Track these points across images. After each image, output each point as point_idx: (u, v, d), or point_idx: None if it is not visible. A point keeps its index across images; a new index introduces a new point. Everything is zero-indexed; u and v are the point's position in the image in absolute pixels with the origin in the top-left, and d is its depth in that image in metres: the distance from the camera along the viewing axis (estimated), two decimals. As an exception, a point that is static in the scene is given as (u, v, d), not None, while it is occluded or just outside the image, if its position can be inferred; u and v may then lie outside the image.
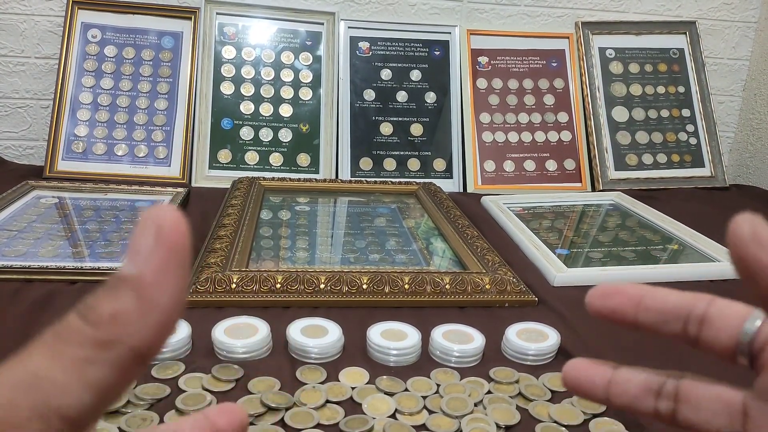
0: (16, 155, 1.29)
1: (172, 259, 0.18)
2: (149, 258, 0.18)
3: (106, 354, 0.17)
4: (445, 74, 1.33)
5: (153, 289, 0.18)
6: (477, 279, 0.78)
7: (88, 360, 0.17)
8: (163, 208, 0.18)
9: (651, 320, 0.24)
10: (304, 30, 1.29)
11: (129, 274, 0.18)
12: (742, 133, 1.50)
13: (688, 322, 0.24)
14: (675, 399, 0.24)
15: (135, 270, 0.18)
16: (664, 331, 0.24)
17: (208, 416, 0.22)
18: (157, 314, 0.18)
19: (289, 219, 1.01)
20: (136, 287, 0.18)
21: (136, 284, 0.18)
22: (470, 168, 1.28)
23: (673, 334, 0.24)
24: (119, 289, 0.18)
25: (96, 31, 1.22)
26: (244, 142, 1.23)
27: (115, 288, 0.18)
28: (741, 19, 1.45)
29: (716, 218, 1.14)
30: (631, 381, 0.25)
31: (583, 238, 1.02)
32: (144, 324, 0.18)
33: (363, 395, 0.58)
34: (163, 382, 0.58)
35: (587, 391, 0.26)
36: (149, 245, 0.18)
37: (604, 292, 0.25)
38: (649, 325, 0.24)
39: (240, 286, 0.74)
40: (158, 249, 0.18)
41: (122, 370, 0.18)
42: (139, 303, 0.18)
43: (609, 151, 1.34)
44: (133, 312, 0.18)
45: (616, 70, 1.39)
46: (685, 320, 0.24)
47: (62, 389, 0.17)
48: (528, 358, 0.65)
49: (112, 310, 0.18)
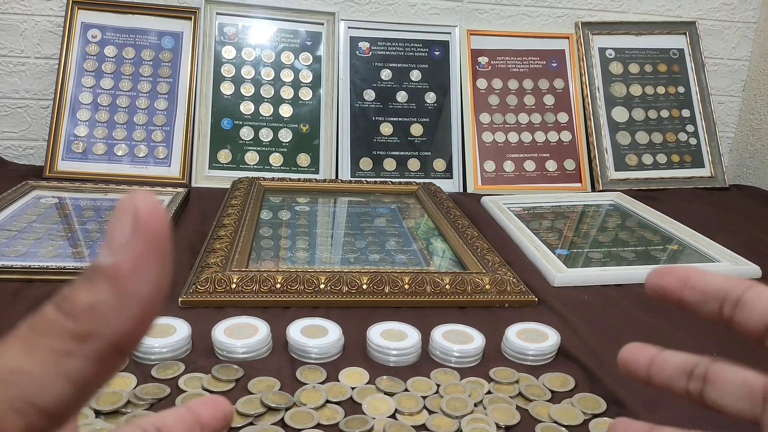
0: (16, 155, 1.29)
1: (150, 248, 0.17)
2: (126, 247, 0.17)
3: (83, 346, 0.17)
4: (445, 74, 1.33)
5: (131, 280, 0.17)
6: (477, 279, 0.78)
7: (66, 352, 0.17)
8: (140, 195, 0.18)
9: (694, 299, 0.26)
10: (304, 30, 1.29)
11: (105, 264, 0.17)
12: (742, 133, 1.50)
13: (724, 303, 0.25)
14: (704, 380, 0.25)
15: (111, 260, 0.17)
16: (703, 310, 0.26)
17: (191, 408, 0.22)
18: (135, 306, 0.17)
19: (289, 219, 1.01)
20: (113, 278, 0.17)
21: (113, 274, 0.17)
22: (470, 168, 1.28)
23: (710, 313, 0.25)
24: (96, 280, 0.17)
25: (96, 31, 1.22)
26: (244, 142, 1.23)
27: (91, 278, 0.17)
28: (741, 20, 1.45)
29: (716, 218, 1.15)
30: (669, 362, 0.27)
31: (583, 239, 1.02)
32: (122, 316, 0.17)
33: (363, 395, 0.58)
34: (163, 382, 0.58)
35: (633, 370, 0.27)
36: (126, 234, 0.17)
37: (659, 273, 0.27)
38: (692, 304, 0.26)
39: (240, 286, 0.74)
40: (136, 238, 0.17)
41: (101, 363, 0.17)
42: (117, 294, 0.17)
43: (609, 152, 1.34)
44: (111, 303, 0.17)
45: (616, 71, 1.39)
46: (722, 301, 0.25)
47: (39, 383, 0.16)
48: (528, 358, 0.65)
49: (89, 302, 0.17)
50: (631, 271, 0.88)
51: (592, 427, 0.55)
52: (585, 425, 0.55)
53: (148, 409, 0.54)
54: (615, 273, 0.87)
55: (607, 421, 0.56)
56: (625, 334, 0.71)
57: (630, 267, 0.90)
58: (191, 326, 0.64)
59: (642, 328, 0.73)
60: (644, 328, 0.74)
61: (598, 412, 0.57)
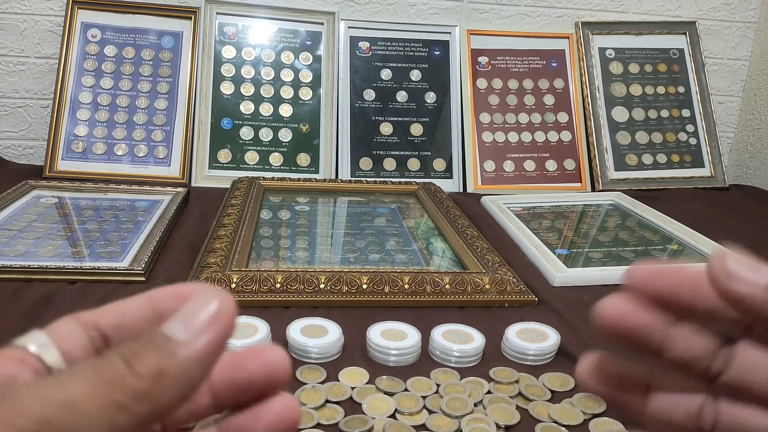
0: (16, 155, 1.29)
1: (220, 342, 0.19)
2: (203, 332, 0.19)
3: (138, 406, 0.18)
4: (445, 74, 1.33)
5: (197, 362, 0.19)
6: (477, 279, 0.78)
7: (123, 407, 0.18)
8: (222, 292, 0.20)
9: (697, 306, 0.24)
10: (304, 30, 1.29)
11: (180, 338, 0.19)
12: (742, 133, 1.50)
13: None
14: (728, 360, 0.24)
15: (187, 337, 0.19)
16: None
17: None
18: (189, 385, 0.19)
19: (289, 219, 1.01)
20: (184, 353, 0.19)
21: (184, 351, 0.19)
22: (470, 168, 1.28)
23: None
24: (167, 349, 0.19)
25: (96, 30, 1.22)
26: (244, 142, 1.23)
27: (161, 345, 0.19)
28: (741, 19, 1.45)
29: (716, 218, 1.15)
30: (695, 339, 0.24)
31: (583, 238, 1.02)
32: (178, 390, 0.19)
33: (363, 395, 0.58)
34: (163, 381, 0.58)
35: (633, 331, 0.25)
36: (205, 320, 0.19)
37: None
38: None
39: (240, 286, 0.74)
40: (214, 327, 0.19)
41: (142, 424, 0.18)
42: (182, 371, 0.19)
43: (609, 152, 1.34)
44: (174, 376, 0.18)
45: (616, 71, 1.39)
46: None
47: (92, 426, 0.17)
48: (528, 358, 0.65)
49: (159, 368, 0.18)
50: (631, 271, 0.88)
51: (592, 427, 0.55)
52: (585, 425, 0.55)
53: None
54: (615, 273, 0.87)
55: (608, 421, 0.56)
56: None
57: (630, 267, 0.90)
58: (191, 326, 0.64)
59: (642, 328, 0.73)
60: (644, 328, 0.73)
61: (598, 412, 0.57)
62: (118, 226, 0.92)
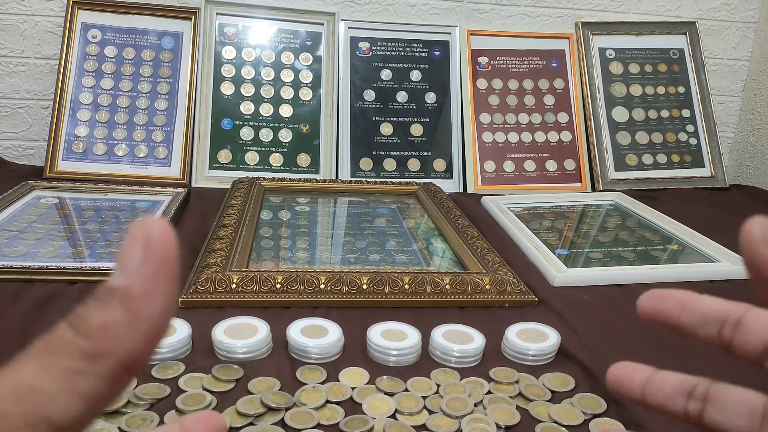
0: (16, 155, 1.29)
1: (160, 271, 0.19)
2: (138, 270, 0.18)
3: (96, 365, 0.18)
4: (445, 74, 1.33)
5: (142, 301, 0.18)
6: (477, 279, 0.78)
7: (79, 371, 0.17)
8: (152, 221, 0.19)
9: (691, 322, 0.25)
10: (304, 30, 1.29)
11: (118, 285, 0.18)
12: (742, 133, 1.50)
13: (724, 326, 0.24)
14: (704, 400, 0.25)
15: (124, 281, 0.18)
16: (701, 334, 0.25)
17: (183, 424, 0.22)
18: (145, 325, 0.18)
19: (289, 219, 1.01)
20: (126, 299, 0.18)
21: (126, 296, 0.18)
22: (470, 168, 1.28)
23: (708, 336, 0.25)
24: (109, 301, 0.18)
25: (96, 31, 1.22)
26: (244, 143, 1.23)
27: (104, 299, 0.18)
28: (741, 20, 1.45)
29: (716, 218, 1.15)
30: (666, 382, 0.26)
31: (583, 239, 1.02)
32: (133, 335, 0.18)
33: (363, 395, 0.58)
34: (163, 382, 0.58)
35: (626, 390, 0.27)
36: (138, 258, 0.18)
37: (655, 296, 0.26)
38: (689, 328, 0.25)
39: (240, 286, 0.74)
40: (147, 262, 0.18)
41: (112, 381, 0.18)
42: (129, 314, 0.18)
43: (609, 152, 1.34)
44: (123, 323, 0.18)
45: (616, 71, 1.39)
46: (722, 324, 0.25)
47: (53, 399, 0.17)
48: (528, 358, 0.65)
49: (102, 321, 0.18)
50: (631, 271, 0.88)
51: (592, 427, 0.55)
52: (585, 425, 0.55)
53: (149, 409, 0.54)
54: (615, 273, 0.87)
55: (608, 421, 0.56)
56: (625, 334, 0.71)
57: (630, 267, 0.90)
58: (191, 326, 0.64)
59: (642, 329, 0.73)
60: (644, 328, 0.73)
61: (598, 412, 0.57)
62: (118, 226, 0.92)
